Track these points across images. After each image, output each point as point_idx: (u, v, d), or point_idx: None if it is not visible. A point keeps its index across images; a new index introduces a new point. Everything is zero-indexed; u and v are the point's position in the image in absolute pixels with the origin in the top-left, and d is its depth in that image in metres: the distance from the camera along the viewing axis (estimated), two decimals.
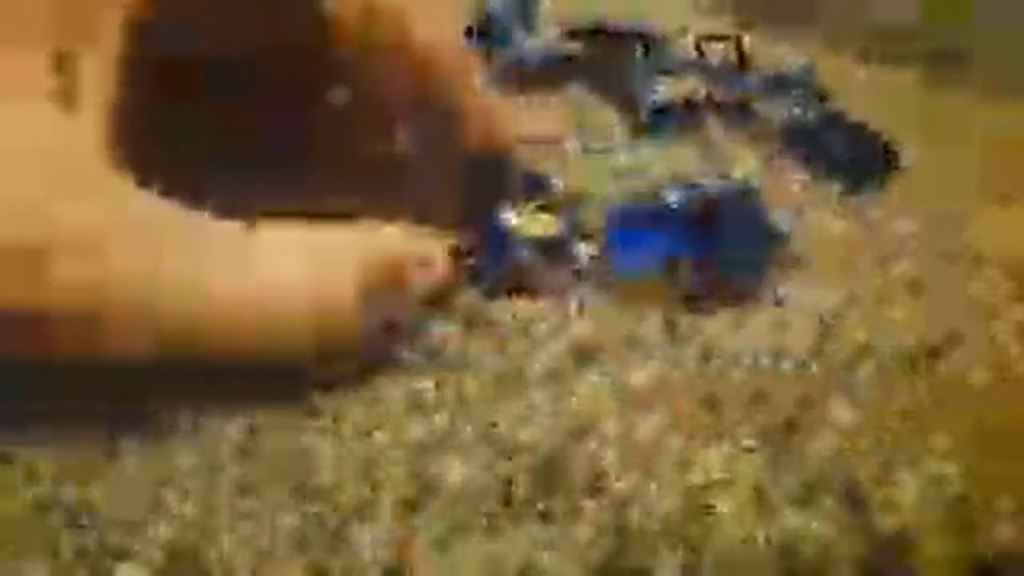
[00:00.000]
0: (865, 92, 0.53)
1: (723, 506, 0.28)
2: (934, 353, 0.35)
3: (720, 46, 0.49)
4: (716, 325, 0.35)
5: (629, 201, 0.38)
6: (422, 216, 0.33)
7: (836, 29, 0.58)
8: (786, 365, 0.34)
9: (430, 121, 0.36)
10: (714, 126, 0.46)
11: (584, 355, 0.33)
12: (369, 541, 0.27)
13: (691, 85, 0.46)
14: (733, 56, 0.49)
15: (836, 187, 0.43)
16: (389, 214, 0.33)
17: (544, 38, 0.49)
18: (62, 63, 0.29)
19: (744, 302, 0.36)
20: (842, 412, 0.32)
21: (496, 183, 0.36)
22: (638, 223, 0.36)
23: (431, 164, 0.36)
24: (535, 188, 0.38)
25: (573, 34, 0.50)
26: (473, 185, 0.36)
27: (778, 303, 0.36)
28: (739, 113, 0.46)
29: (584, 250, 0.36)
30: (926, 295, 0.38)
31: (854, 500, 0.29)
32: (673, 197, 0.35)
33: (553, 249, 0.36)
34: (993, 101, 0.52)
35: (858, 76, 0.54)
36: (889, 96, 0.53)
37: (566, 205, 0.37)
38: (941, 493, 0.30)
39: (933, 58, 0.55)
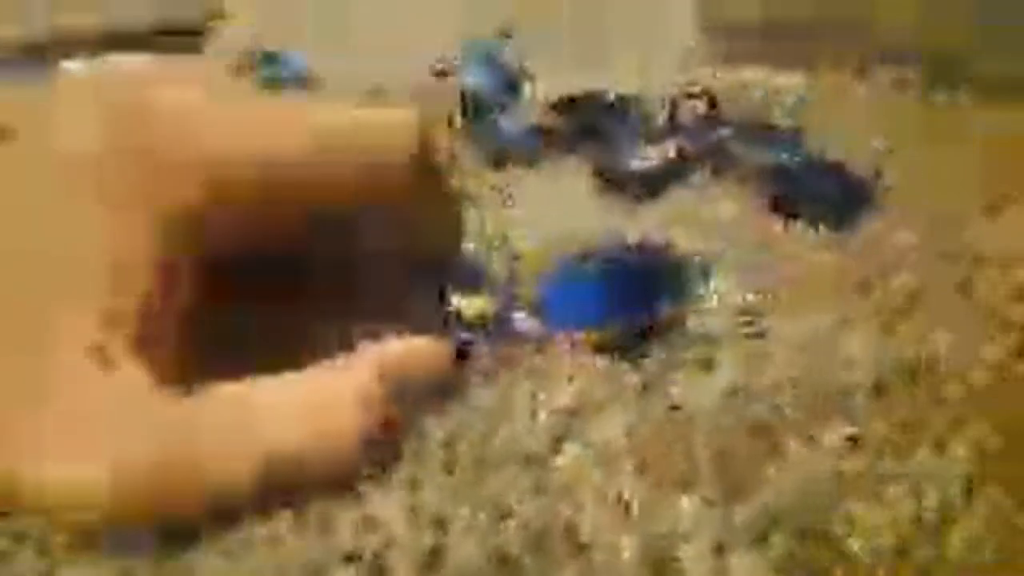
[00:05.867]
0: (865, 95, 0.53)
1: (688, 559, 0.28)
2: (933, 356, 0.35)
3: (691, 103, 0.49)
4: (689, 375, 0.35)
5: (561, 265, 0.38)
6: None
7: (837, 44, 0.58)
8: (769, 390, 0.34)
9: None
10: (698, 174, 0.46)
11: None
12: None
13: (670, 146, 0.47)
14: (703, 109, 0.49)
15: (821, 228, 0.42)
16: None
17: (523, 112, 0.50)
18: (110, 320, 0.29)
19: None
20: (836, 435, 0.32)
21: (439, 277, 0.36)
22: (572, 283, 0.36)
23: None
24: (473, 280, 0.38)
25: (553, 107, 0.51)
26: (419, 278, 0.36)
27: (760, 335, 0.36)
28: (722, 158, 0.46)
29: (526, 321, 0.36)
30: (926, 297, 0.38)
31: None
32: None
33: (496, 327, 0.36)
34: (993, 101, 0.51)
35: (858, 92, 0.54)
36: (889, 97, 0.53)
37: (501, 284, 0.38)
38: (941, 496, 0.30)
39: (933, 59, 0.55)
